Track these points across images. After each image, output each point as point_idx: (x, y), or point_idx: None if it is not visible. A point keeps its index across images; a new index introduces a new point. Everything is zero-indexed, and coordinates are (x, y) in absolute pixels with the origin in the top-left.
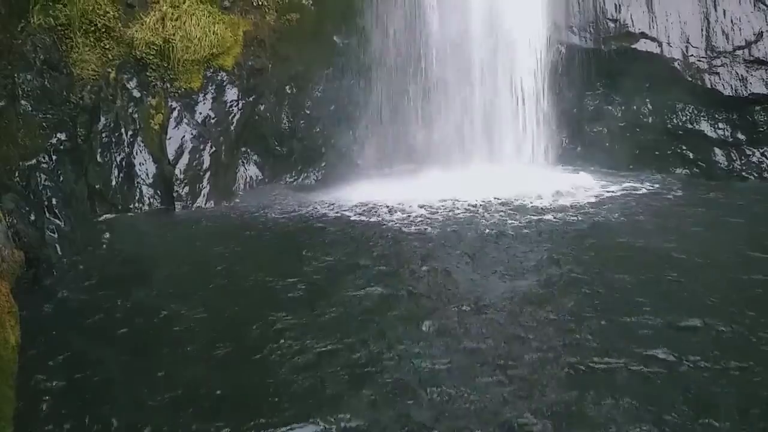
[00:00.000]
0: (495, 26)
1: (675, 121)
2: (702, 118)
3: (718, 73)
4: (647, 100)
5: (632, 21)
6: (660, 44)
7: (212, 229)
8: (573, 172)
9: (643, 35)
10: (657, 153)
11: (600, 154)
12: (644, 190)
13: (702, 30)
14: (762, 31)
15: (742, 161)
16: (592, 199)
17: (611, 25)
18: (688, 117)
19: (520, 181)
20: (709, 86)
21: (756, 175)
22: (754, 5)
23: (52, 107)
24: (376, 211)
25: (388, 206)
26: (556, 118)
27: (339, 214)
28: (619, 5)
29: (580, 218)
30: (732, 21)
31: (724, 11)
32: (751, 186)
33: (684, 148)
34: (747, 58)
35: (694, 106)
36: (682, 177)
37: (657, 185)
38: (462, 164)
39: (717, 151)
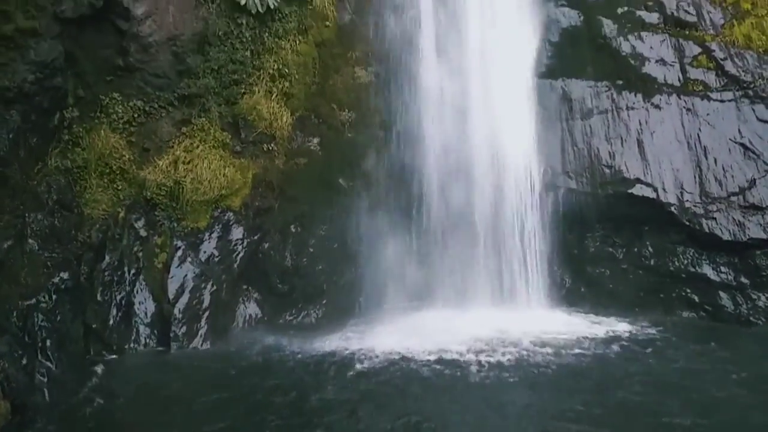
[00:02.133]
0: (494, 167)
1: (677, 263)
2: (704, 262)
3: (714, 218)
4: (647, 242)
5: (627, 168)
6: (655, 189)
7: (207, 374)
8: (569, 313)
9: (639, 181)
10: (662, 296)
11: (604, 295)
12: (640, 336)
13: (695, 177)
14: (754, 179)
15: (749, 305)
16: (574, 349)
17: (607, 171)
18: (689, 260)
19: (507, 324)
20: (707, 230)
21: (763, 320)
22: (744, 154)
23: (58, 246)
24: (370, 358)
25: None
26: (557, 258)
27: (337, 363)
28: (613, 153)
29: (549, 368)
30: (723, 169)
31: (715, 159)
32: (759, 332)
33: (688, 291)
34: (742, 204)
35: (695, 249)
36: (689, 320)
37: (654, 330)
38: (460, 305)
39: (722, 294)
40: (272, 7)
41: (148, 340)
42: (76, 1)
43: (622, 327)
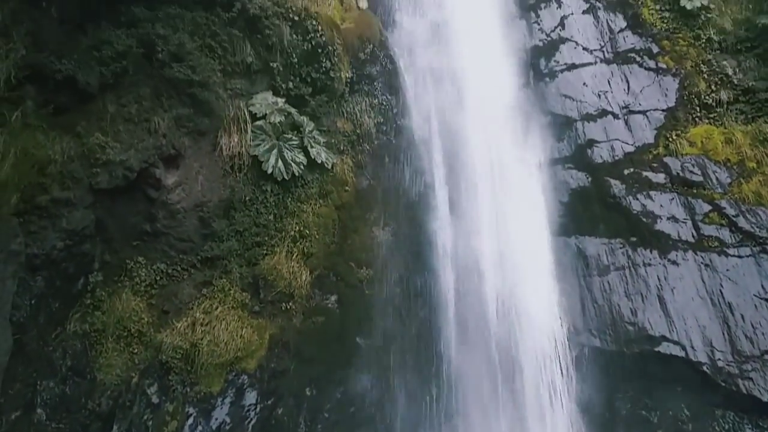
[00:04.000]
0: (514, 326)
1: (717, 429)
2: (747, 426)
3: (751, 378)
4: (683, 405)
5: (651, 325)
6: (684, 348)
7: None
8: None
9: (665, 338)
10: None
11: None
12: None
13: (724, 334)
14: None
15: None
16: None
17: (630, 328)
18: (731, 424)
19: None
20: (745, 392)
21: None
22: None
23: (67, 416)
24: None
25: None
26: (585, 422)
27: None
28: (635, 309)
29: None
30: (753, 326)
31: (743, 316)
32: None
33: None
34: None
35: (735, 412)
36: None
37: None
38: None
39: None
40: (296, 174)
41: None
42: (111, 173)
43: None
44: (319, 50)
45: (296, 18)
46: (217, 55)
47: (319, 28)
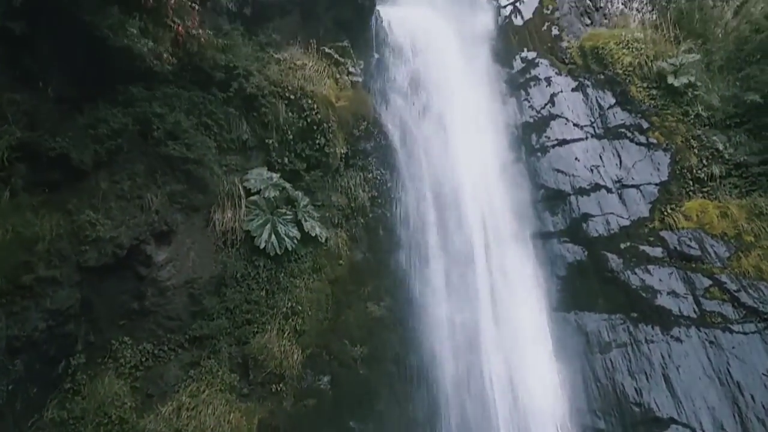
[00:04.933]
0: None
1: None
2: None
3: None
4: None
5: (657, 406)
6: (693, 430)
7: None
8: None
9: (673, 421)
10: None
11: None
12: None
13: (734, 416)
14: None
15: None
16: None
17: (636, 409)
18: None
19: None
20: None
21: None
22: None
23: None
24: None
25: None
26: None
27: None
28: (640, 389)
29: None
30: (764, 407)
31: (752, 396)
32: None
33: None
34: None
35: None
36: None
37: None
38: None
39: None
40: (289, 248)
41: None
42: (101, 250)
43: None
44: (315, 127)
45: (292, 97)
46: (213, 132)
47: (315, 106)
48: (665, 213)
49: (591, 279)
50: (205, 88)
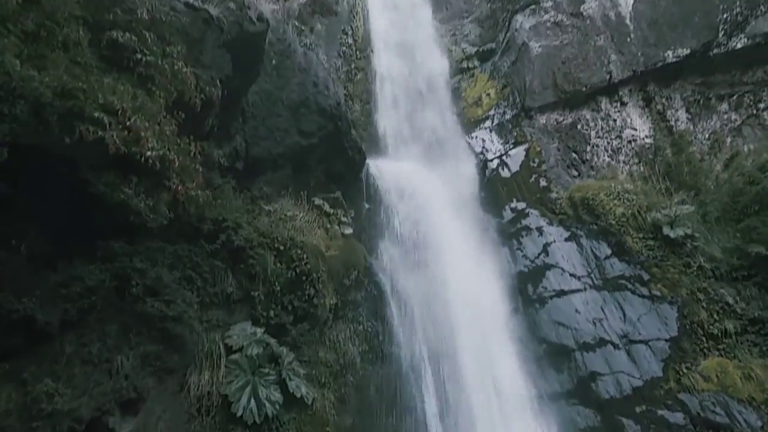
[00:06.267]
0: None
1: None
2: None
3: None
4: None
5: None
6: None
7: None
8: None
9: None
10: None
11: None
12: None
13: None
14: None
15: None
16: None
17: None
18: None
19: None
20: None
21: None
22: None
23: None
24: None
25: None
26: None
27: None
28: None
29: None
30: None
31: None
32: None
33: None
34: None
35: None
36: None
37: None
38: None
39: None
40: (270, 415)
41: None
42: (55, 427)
43: None
44: (304, 278)
45: (281, 248)
46: (197, 286)
47: (304, 256)
48: (680, 372)
49: None
50: (192, 240)
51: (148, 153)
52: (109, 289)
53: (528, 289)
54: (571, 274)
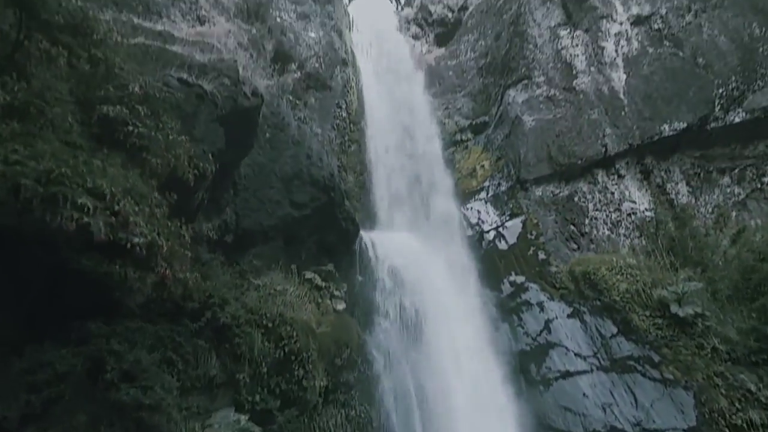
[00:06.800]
0: None
1: None
2: None
3: None
4: None
5: None
6: None
7: None
8: None
9: None
10: None
11: None
12: None
13: None
14: None
15: None
16: None
17: None
18: None
19: None
20: None
21: None
22: None
23: None
24: None
25: None
26: None
27: None
28: None
29: None
30: None
31: None
32: None
33: None
34: None
35: None
36: None
37: None
38: None
39: None
40: None
41: None
42: None
43: None
44: (292, 357)
45: (270, 325)
46: (177, 369)
47: (294, 333)
48: None
49: None
50: (174, 319)
51: (136, 239)
52: (80, 375)
53: (531, 370)
54: (576, 354)
